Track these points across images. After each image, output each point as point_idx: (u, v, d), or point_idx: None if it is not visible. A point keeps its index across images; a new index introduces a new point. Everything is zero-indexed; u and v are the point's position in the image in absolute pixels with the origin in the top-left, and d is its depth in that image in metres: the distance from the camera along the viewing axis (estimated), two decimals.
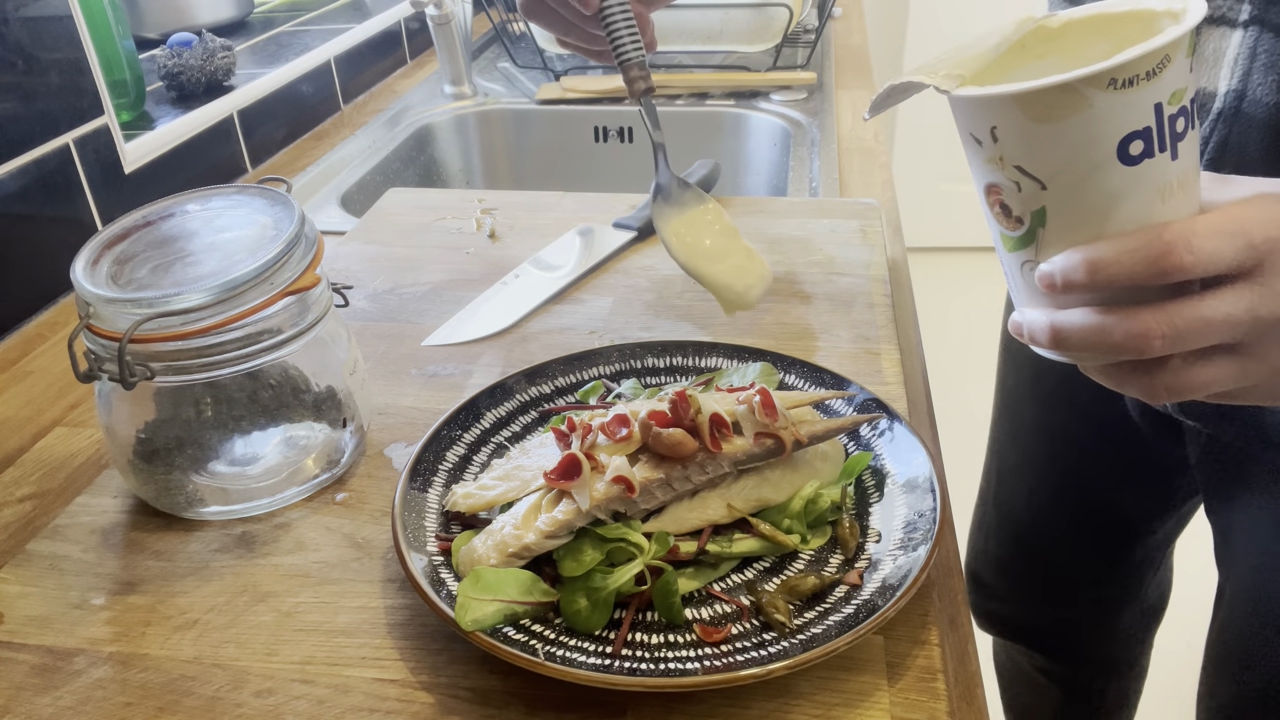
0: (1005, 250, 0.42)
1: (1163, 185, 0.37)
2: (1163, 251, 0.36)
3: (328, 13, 1.48)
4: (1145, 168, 0.37)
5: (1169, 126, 0.36)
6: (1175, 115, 0.36)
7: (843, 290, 0.80)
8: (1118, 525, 0.89)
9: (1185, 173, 0.38)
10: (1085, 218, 0.38)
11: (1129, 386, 0.41)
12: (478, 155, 1.40)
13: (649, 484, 0.50)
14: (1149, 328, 0.37)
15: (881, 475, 0.56)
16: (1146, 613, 0.99)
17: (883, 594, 0.48)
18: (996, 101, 0.37)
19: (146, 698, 0.47)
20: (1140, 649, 1.02)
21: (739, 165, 1.32)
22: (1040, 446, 0.90)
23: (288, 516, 0.59)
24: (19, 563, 0.56)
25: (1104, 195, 0.37)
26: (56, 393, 0.74)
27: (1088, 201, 0.38)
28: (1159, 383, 0.40)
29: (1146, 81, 0.35)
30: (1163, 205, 0.38)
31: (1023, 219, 0.40)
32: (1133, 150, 0.36)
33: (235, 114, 1.13)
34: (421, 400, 0.69)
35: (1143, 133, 0.36)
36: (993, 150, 0.39)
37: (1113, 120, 0.36)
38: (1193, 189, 0.39)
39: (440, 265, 0.88)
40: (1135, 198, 0.37)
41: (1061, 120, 0.36)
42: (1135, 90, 0.35)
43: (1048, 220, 0.39)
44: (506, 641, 0.46)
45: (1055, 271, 0.39)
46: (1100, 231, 0.38)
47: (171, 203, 0.61)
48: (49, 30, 0.84)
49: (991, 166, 0.39)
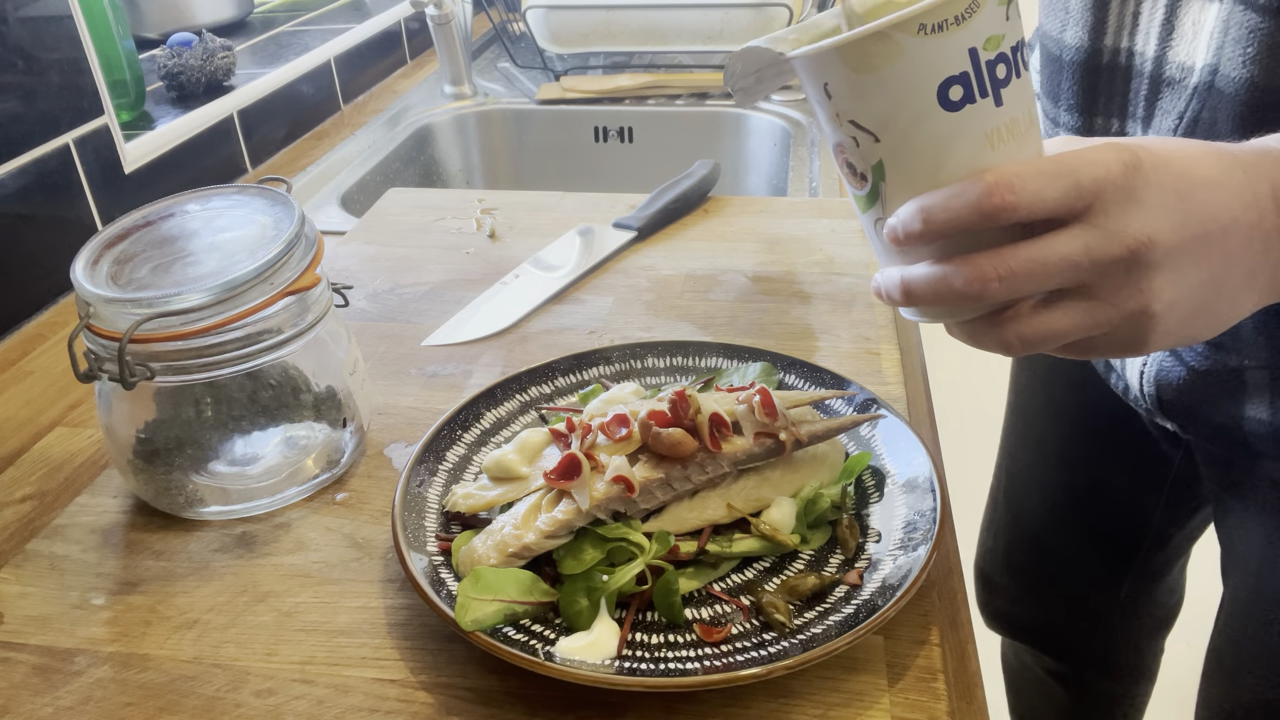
0: (860, 212, 0.43)
1: (989, 131, 0.38)
2: (985, 193, 0.37)
3: (328, 13, 1.48)
4: (969, 113, 0.38)
5: (988, 72, 0.37)
6: (994, 61, 0.37)
7: (843, 290, 0.80)
8: (1129, 529, 0.89)
9: (1015, 120, 0.39)
10: (918, 168, 0.39)
11: (985, 340, 0.42)
12: (478, 155, 1.40)
13: (649, 484, 0.50)
14: (984, 271, 0.38)
15: (881, 475, 0.56)
16: (1158, 619, 0.98)
17: (883, 594, 0.48)
18: (822, 57, 0.38)
19: (146, 698, 0.47)
20: (1150, 654, 1.02)
21: (739, 165, 1.32)
22: (1052, 447, 0.90)
23: (288, 516, 0.59)
24: (19, 563, 0.56)
25: (932, 143, 0.38)
26: (56, 393, 0.74)
27: (918, 151, 0.39)
28: (1010, 332, 0.40)
29: (956, 26, 0.36)
30: (993, 152, 0.39)
31: (866, 175, 0.41)
32: (952, 95, 0.37)
33: (235, 114, 1.13)
34: (421, 400, 0.69)
35: (960, 78, 0.37)
36: (829, 107, 0.40)
37: (927, 65, 0.37)
38: (1026, 138, 0.39)
39: (440, 265, 0.88)
40: (963, 144, 0.38)
41: (880, 69, 0.37)
42: (946, 35, 0.36)
43: (887, 174, 0.40)
44: (506, 641, 0.46)
45: (897, 224, 0.40)
46: (935, 182, 0.39)
47: (171, 203, 0.61)
48: (49, 30, 0.84)
49: (832, 125, 0.40)
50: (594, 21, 1.37)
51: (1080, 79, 0.59)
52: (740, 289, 0.81)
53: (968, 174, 0.38)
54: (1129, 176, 0.37)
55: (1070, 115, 0.61)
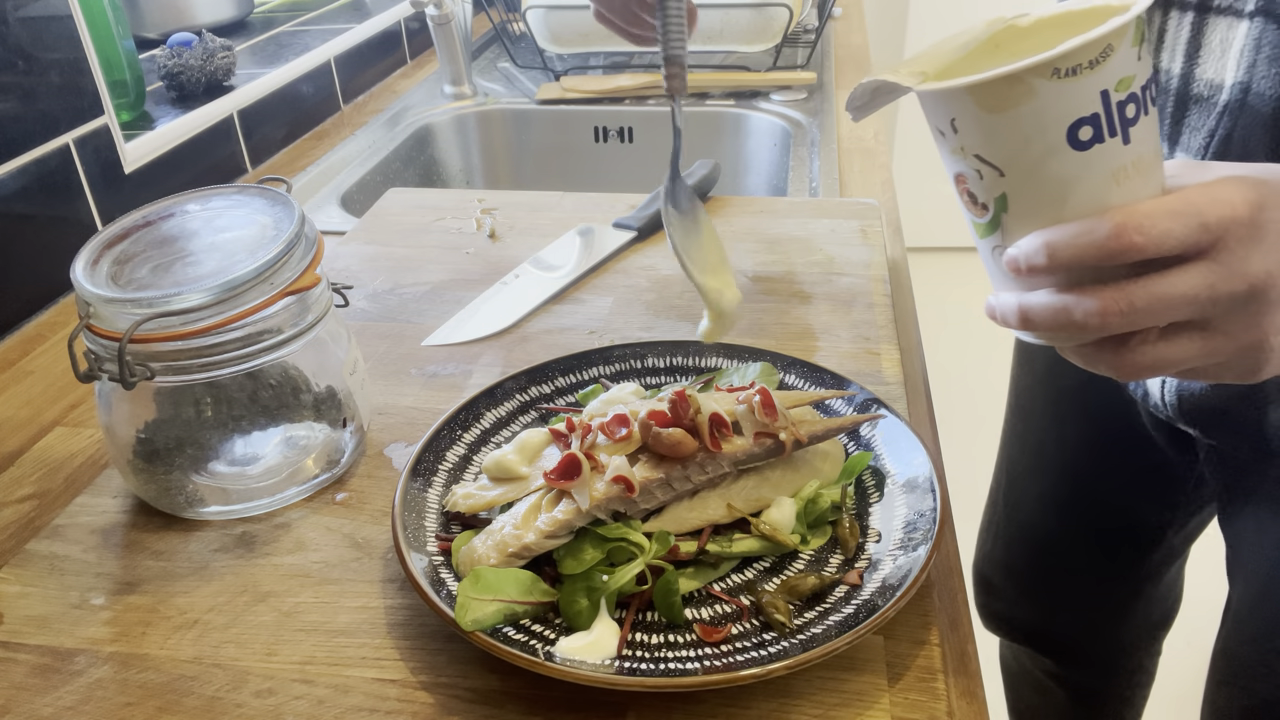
0: (978, 237, 0.43)
1: (1116, 169, 0.39)
2: (1113, 233, 0.37)
3: (328, 13, 1.48)
4: (1096, 152, 0.38)
5: (1118, 113, 0.38)
6: (1124, 102, 0.38)
7: (843, 290, 0.80)
8: (1128, 532, 0.89)
9: (1141, 157, 0.39)
10: (1043, 202, 0.40)
11: (1100, 365, 0.42)
12: (478, 155, 1.40)
13: (649, 484, 0.50)
14: (1106, 305, 0.38)
15: (881, 475, 0.56)
16: (1156, 620, 0.98)
17: (883, 594, 0.48)
18: (952, 94, 0.39)
19: (146, 698, 0.47)
20: (1148, 655, 1.02)
21: (739, 165, 1.32)
22: (1052, 450, 0.90)
23: (288, 516, 0.59)
24: (19, 563, 0.56)
25: (1058, 180, 0.39)
26: (56, 393, 0.74)
27: (1044, 186, 0.39)
28: (1126, 360, 0.41)
29: (1090, 70, 0.37)
30: (1118, 189, 0.39)
31: (987, 206, 0.41)
32: (1082, 136, 0.38)
33: (235, 114, 1.13)
34: (421, 400, 0.69)
35: (1090, 119, 0.38)
36: (955, 141, 0.40)
37: (1059, 108, 0.37)
38: (1151, 173, 0.40)
39: (440, 265, 0.88)
40: (1089, 182, 0.39)
41: (1011, 110, 0.38)
42: (1079, 79, 0.37)
43: (1009, 206, 0.41)
44: (506, 641, 0.46)
45: (1019, 255, 0.40)
46: (1059, 216, 0.39)
47: (171, 203, 0.61)
48: (49, 30, 0.84)
49: (956, 156, 0.41)
50: (594, 21, 1.36)
51: None
52: (740, 289, 0.81)
53: (1092, 210, 0.39)
54: (1254, 215, 0.38)
55: None
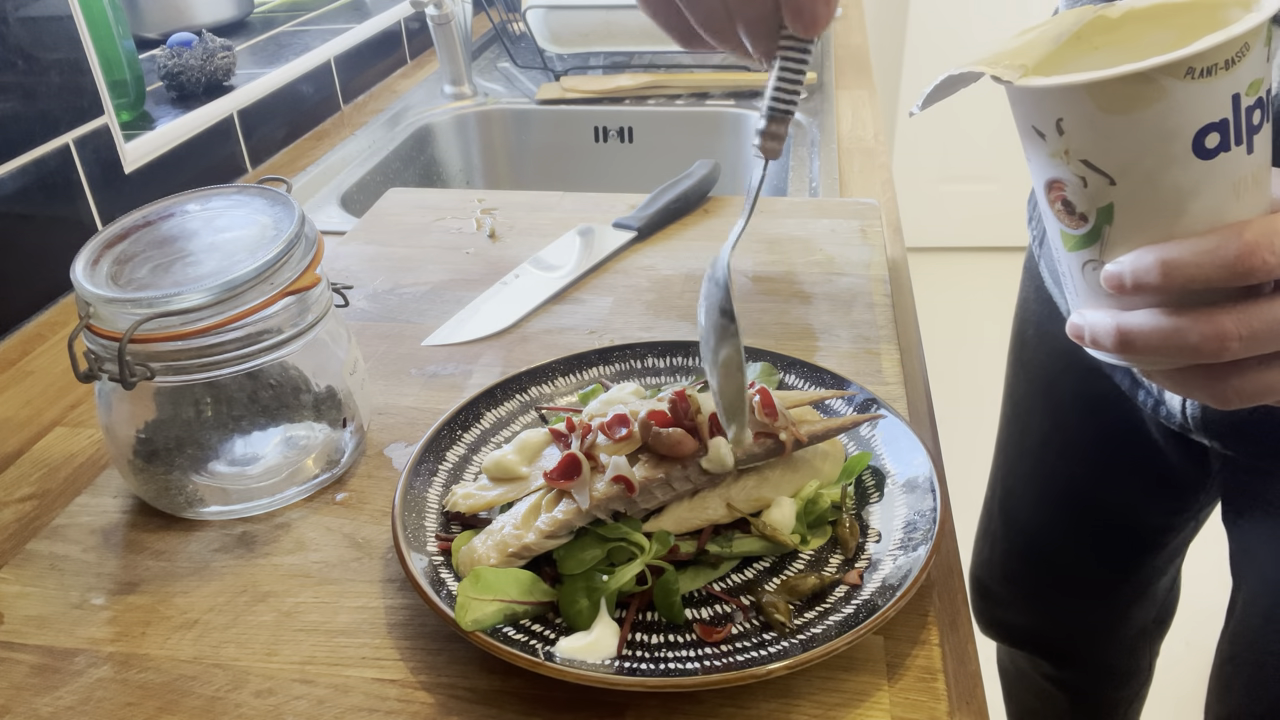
0: (1065, 249, 0.40)
1: (1238, 181, 0.36)
2: (1244, 252, 0.35)
3: (328, 13, 1.48)
4: (1220, 162, 0.35)
5: (1246, 119, 0.35)
6: (1252, 107, 0.35)
7: (843, 290, 0.80)
8: (1126, 536, 0.88)
9: (1260, 167, 0.36)
10: (1156, 215, 0.36)
11: (1196, 391, 0.39)
12: (478, 155, 1.40)
13: (649, 484, 0.50)
14: (1225, 330, 0.35)
15: (881, 475, 0.56)
16: (1154, 622, 0.98)
17: (883, 594, 0.48)
18: (1066, 92, 0.35)
19: (146, 698, 0.47)
20: (1147, 656, 1.02)
21: (739, 165, 1.32)
22: (1049, 455, 0.89)
23: (288, 516, 0.59)
24: (19, 563, 0.56)
25: (1177, 191, 0.36)
26: (56, 393, 0.74)
27: (1159, 198, 0.36)
28: (1230, 387, 0.38)
29: (1225, 71, 0.34)
30: (1237, 202, 0.36)
31: (1087, 216, 0.38)
32: (1208, 143, 0.35)
33: (235, 114, 1.13)
34: (421, 400, 0.69)
35: (1219, 125, 0.34)
36: (1058, 144, 0.37)
37: (1189, 111, 0.34)
38: (1266, 185, 0.37)
39: (440, 265, 0.88)
40: (1209, 194, 0.36)
41: (1135, 111, 0.34)
42: (1213, 80, 0.34)
43: (1115, 217, 0.37)
44: (506, 641, 0.46)
45: (1125, 272, 0.37)
46: (1171, 230, 0.36)
47: (171, 203, 0.61)
48: (49, 30, 0.84)
49: (1056, 161, 0.37)
50: (594, 21, 1.37)
51: None
52: (740, 289, 0.81)
53: (1207, 225, 0.36)
54: None
55: None
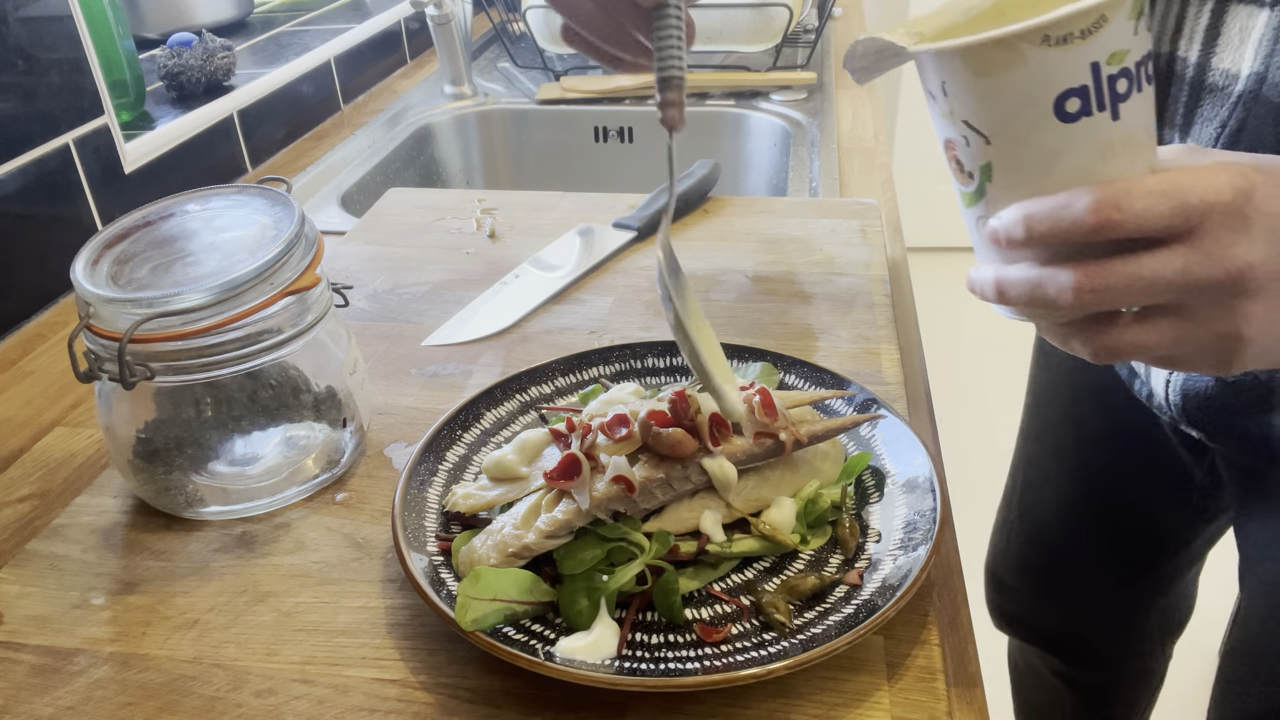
0: (964, 207, 0.43)
1: (1103, 144, 0.38)
2: (1091, 208, 0.37)
3: (328, 13, 1.48)
4: (1084, 125, 0.38)
5: (1108, 86, 0.37)
6: (1115, 76, 0.37)
7: (843, 290, 0.80)
8: (1143, 536, 0.88)
9: (1131, 133, 0.38)
10: (1027, 174, 0.39)
11: (1073, 344, 0.42)
12: (478, 155, 1.40)
13: (649, 484, 0.50)
14: (1080, 282, 0.38)
15: (881, 475, 0.56)
16: (1168, 625, 0.97)
17: (883, 594, 0.48)
18: (943, 56, 0.38)
19: (146, 698, 0.47)
20: (1158, 659, 1.01)
21: (739, 165, 1.32)
22: (1069, 450, 0.89)
23: (288, 516, 0.59)
24: (19, 563, 0.56)
25: (1044, 151, 0.38)
26: (56, 393, 0.74)
27: (1029, 157, 0.39)
28: (1099, 341, 0.41)
29: (1081, 40, 0.36)
30: (1104, 165, 0.38)
31: (973, 174, 0.41)
32: (1069, 107, 0.37)
33: (235, 114, 1.13)
34: (421, 400, 0.69)
35: (1079, 90, 0.37)
36: (945, 105, 0.40)
37: (1048, 76, 0.37)
38: (1141, 152, 0.39)
39: (440, 265, 0.88)
40: (1075, 155, 0.38)
41: (1000, 75, 0.37)
42: (1070, 48, 0.36)
43: (994, 175, 0.40)
44: (506, 641, 0.46)
45: (1000, 227, 0.40)
46: (1042, 188, 0.39)
47: (171, 203, 0.61)
48: (49, 30, 0.84)
49: (945, 121, 0.41)
50: None
51: None
52: (740, 289, 0.81)
53: (1076, 185, 0.38)
54: (1239, 202, 0.37)
55: None
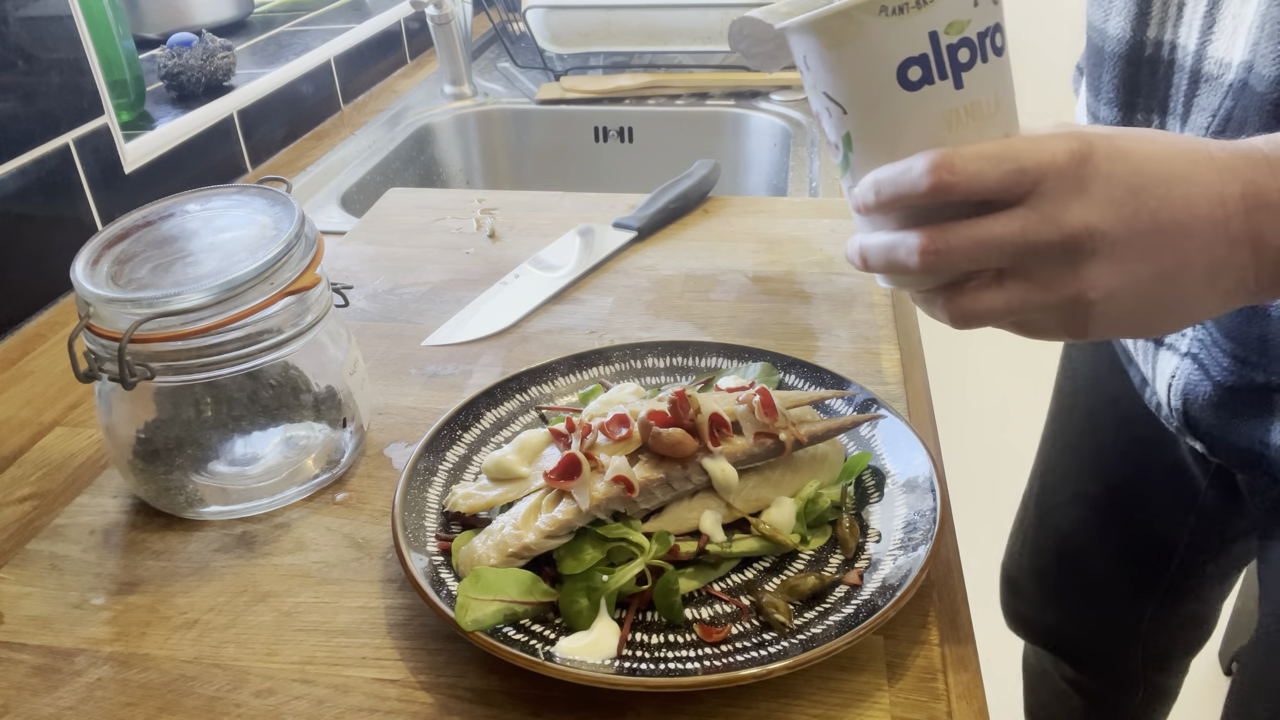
0: (840, 178, 0.45)
1: (947, 112, 0.40)
2: (926, 170, 0.39)
3: (328, 13, 1.48)
4: (926, 94, 0.39)
5: (948, 55, 0.39)
6: (956, 45, 0.39)
7: (843, 290, 0.80)
8: (1159, 551, 0.87)
9: (977, 103, 0.40)
10: (879, 142, 0.41)
11: (934, 310, 0.43)
12: (478, 155, 1.40)
13: (649, 484, 0.50)
14: (924, 244, 0.40)
15: (881, 475, 0.56)
16: (1184, 643, 0.96)
17: (883, 594, 0.48)
18: (799, 29, 0.40)
19: (146, 698, 0.47)
20: (1172, 675, 1.00)
21: (739, 165, 1.32)
22: (1087, 459, 0.88)
23: (288, 516, 0.59)
24: (19, 563, 0.56)
25: (891, 119, 0.40)
26: (56, 393, 0.74)
27: (879, 126, 0.41)
28: (955, 305, 0.42)
29: (917, 10, 0.38)
30: (949, 132, 0.40)
31: (838, 145, 0.43)
32: (911, 76, 0.39)
33: (235, 114, 1.13)
34: (421, 400, 0.69)
35: (919, 59, 0.39)
36: (809, 78, 0.42)
37: (887, 45, 0.39)
38: (990, 120, 0.40)
39: (440, 265, 0.88)
40: (919, 123, 0.40)
41: (845, 45, 0.39)
42: (906, 18, 0.38)
43: (854, 145, 0.42)
44: (506, 641, 0.46)
45: (857, 193, 0.42)
46: (892, 155, 0.41)
47: (171, 203, 0.61)
48: (49, 30, 0.84)
49: (812, 94, 0.43)
50: (594, 21, 1.37)
51: (1120, 72, 0.58)
52: (740, 289, 0.81)
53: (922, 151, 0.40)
54: (1075, 166, 0.38)
55: (1110, 110, 0.60)
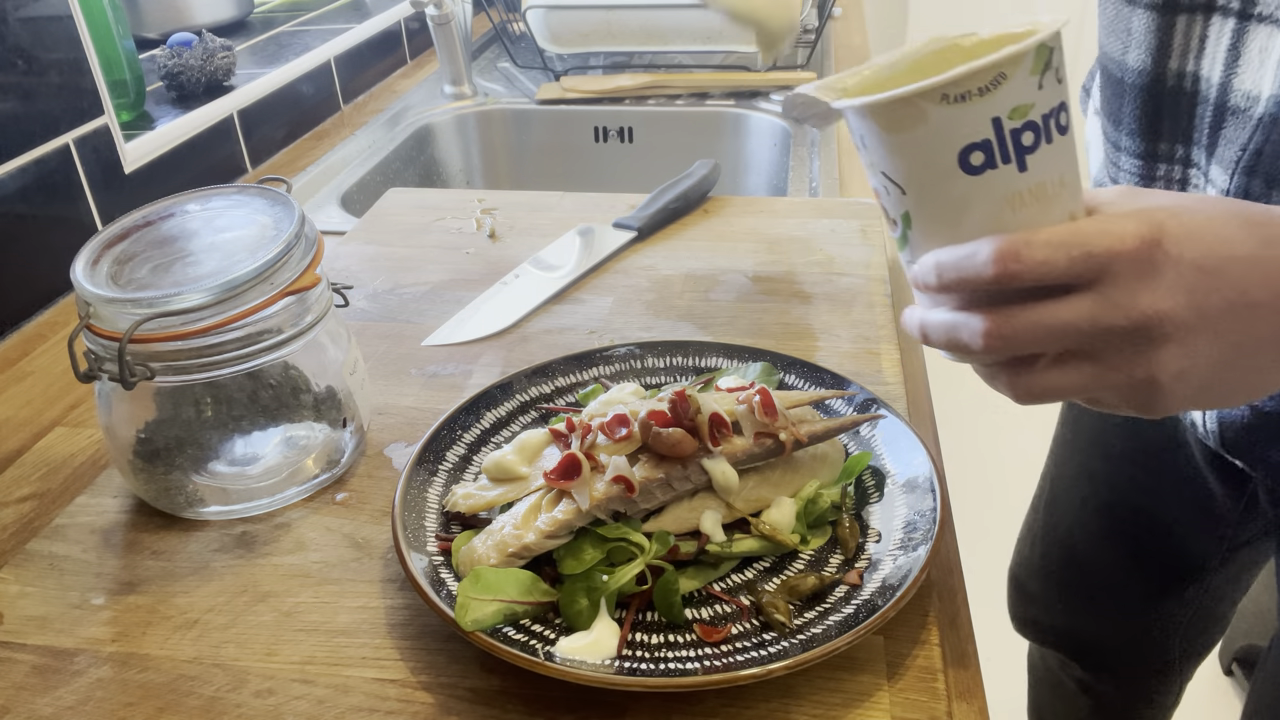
0: (898, 250, 0.45)
1: (1011, 195, 0.39)
2: (992, 258, 0.38)
3: (328, 13, 1.48)
4: (989, 178, 0.39)
5: (1011, 140, 0.38)
6: (1019, 130, 0.38)
7: (843, 290, 0.80)
8: (1168, 555, 0.87)
9: (1041, 185, 0.39)
10: (940, 223, 0.41)
11: (998, 385, 0.43)
12: (478, 155, 1.40)
13: (649, 484, 0.50)
14: (988, 329, 0.39)
15: (881, 475, 0.56)
16: (1192, 646, 0.96)
17: (883, 594, 0.48)
18: (856, 112, 0.40)
19: (147, 698, 0.47)
20: (1179, 678, 1.00)
21: (739, 165, 1.32)
22: (1097, 465, 0.88)
23: (288, 516, 0.59)
24: (19, 563, 0.56)
25: (953, 202, 0.40)
26: (56, 393, 0.74)
27: (940, 207, 0.40)
28: (1018, 383, 0.42)
29: (980, 97, 0.37)
30: (1014, 215, 0.39)
31: (896, 221, 0.42)
32: (973, 160, 0.38)
33: (235, 114, 1.13)
34: (421, 400, 0.69)
35: (981, 144, 0.38)
36: (866, 156, 0.42)
37: (950, 132, 0.38)
38: (1056, 201, 0.40)
39: (440, 265, 0.88)
40: (983, 206, 0.39)
41: (907, 131, 0.39)
42: (969, 104, 0.37)
43: (913, 223, 0.42)
44: (506, 641, 0.46)
45: (917, 273, 0.42)
46: (954, 237, 0.40)
47: (171, 203, 0.61)
48: (49, 30, 0.84)
49: (870, 171, 0.42)
50: (594, 21, 1.37)
51: (1142, 104, 0.57)
52: (740, 289, 0.81)
53: (987, 234, 0.39)
54: (1145, 250, 0.37)
55: (1131, 140, 0.60)
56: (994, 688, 0.83)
